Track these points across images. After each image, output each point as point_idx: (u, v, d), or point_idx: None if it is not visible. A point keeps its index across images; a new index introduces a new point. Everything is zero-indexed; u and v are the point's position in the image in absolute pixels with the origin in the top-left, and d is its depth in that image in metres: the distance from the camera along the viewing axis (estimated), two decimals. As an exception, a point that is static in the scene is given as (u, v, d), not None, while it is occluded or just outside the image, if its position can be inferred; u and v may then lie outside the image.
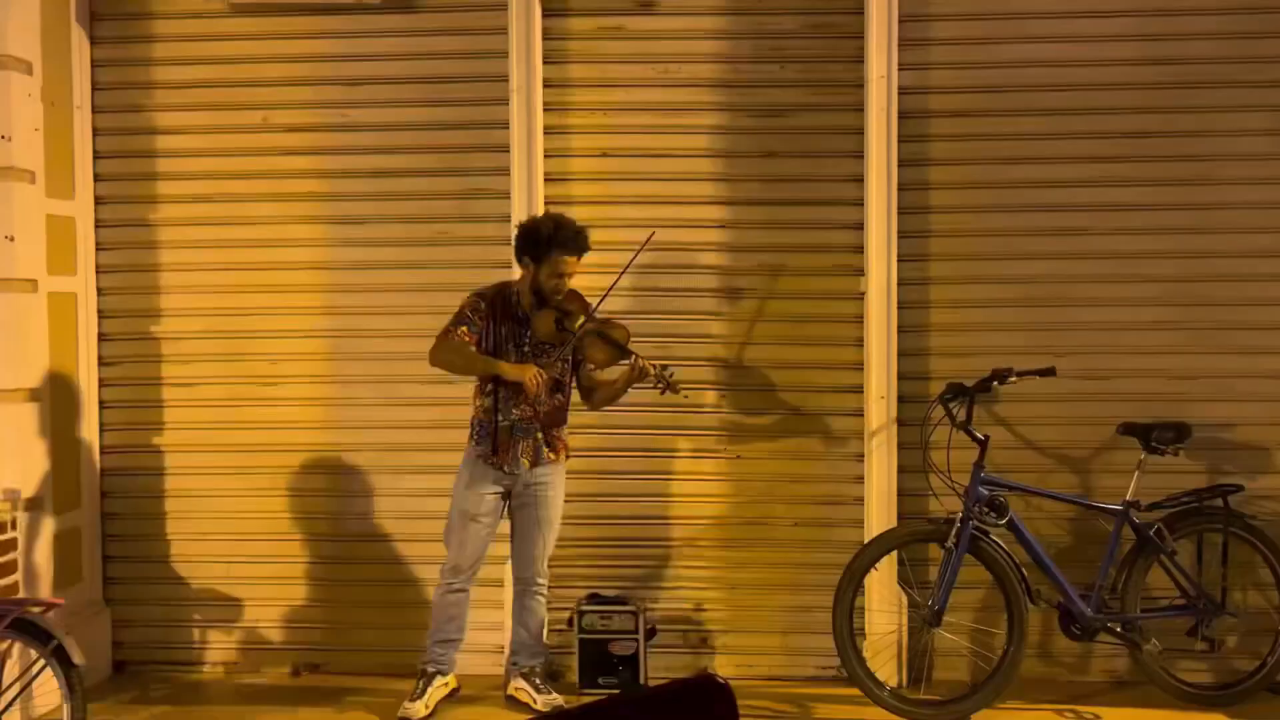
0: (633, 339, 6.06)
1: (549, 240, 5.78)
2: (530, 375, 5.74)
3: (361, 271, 6.83)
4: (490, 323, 5.90)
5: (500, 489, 6.04)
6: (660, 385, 5.73)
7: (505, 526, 6.23)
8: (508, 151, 6.65)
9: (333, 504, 6.91)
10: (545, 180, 6.66)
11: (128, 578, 6.96)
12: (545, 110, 6.67)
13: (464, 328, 5.87)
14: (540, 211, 6.44)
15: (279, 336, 6.88)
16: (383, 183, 6.81)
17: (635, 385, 5.90)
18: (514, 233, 6.09)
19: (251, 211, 6.86)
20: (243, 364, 6.89)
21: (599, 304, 5.85)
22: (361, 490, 6.89)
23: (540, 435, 6.00)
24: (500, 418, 5.94)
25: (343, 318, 6.85)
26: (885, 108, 6.54)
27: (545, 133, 6.66)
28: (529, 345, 5.92)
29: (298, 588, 6.92)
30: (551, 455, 6.04)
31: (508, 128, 6.65)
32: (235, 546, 6.91)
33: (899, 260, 6.59)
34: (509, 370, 5.81)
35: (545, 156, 6.68)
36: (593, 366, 5.96)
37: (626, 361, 5.79)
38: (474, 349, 5.88)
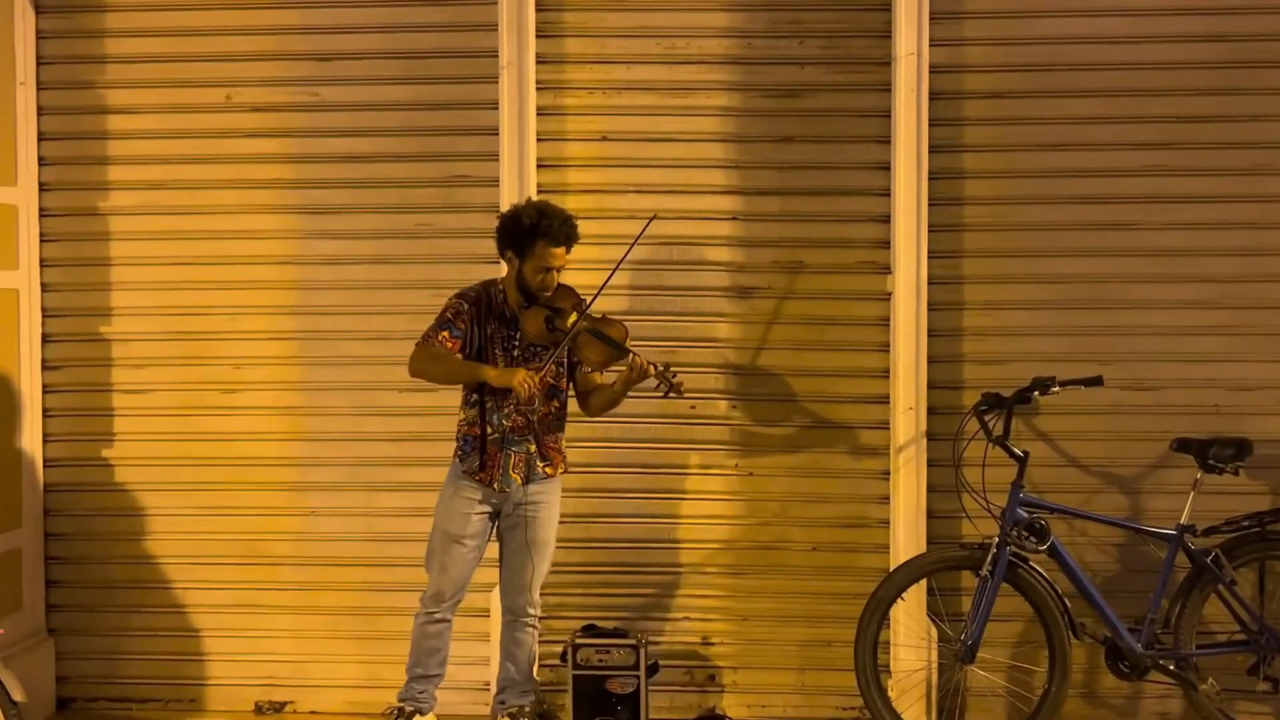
0: (633, 342, 5.88)
1: (532, 230, 5.65)
2: (519, 379, 5.57)
3: (333, 267, 6.76)
4: (474, 325, 5.78)
5: (488, 508, 5.90)
6: (662, 387, 5.61)
7: (494, 550, 6.08)
8: (496, 134, 6.58)
9: (300, 524, 6.82)
10: (538, 166, 6.61)
11: (73, 605, 6.88)
12: (538, 89, 6.62)
13: (445, 332, 5.74)
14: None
15: (242, 338, 6.80)
16: (357, 168, 6.74)
17: (635, 388, 5.76)
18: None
19: (212, 200, 6.79)
20: (202, 369, 6.82)
21: (593, 299, 5.72)
22: (332, 509, 6.79)
23: (534, 448, 5.86)
24: (488, 429, 5.79)
25: (312, 318, 6.77)
26: (915, 88, 6.47)
27: (538, 114, 6.61)
28: (518, 348, 5.80)
29: (261, 617, 6.83)
30: (547, 470, 5.90)
31: (496, 108, 6.58)
32: (192, 571, 6.84)
33: (929, 257, 6.52)
34: (495, 375, 5.65)
35: (538, 140, 6.61)
36: (589, 369, 5.84)
37: (624, 361, 5.66)
38: (458, 355, 5.73)
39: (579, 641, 6.33)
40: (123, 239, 6.80)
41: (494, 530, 5.97)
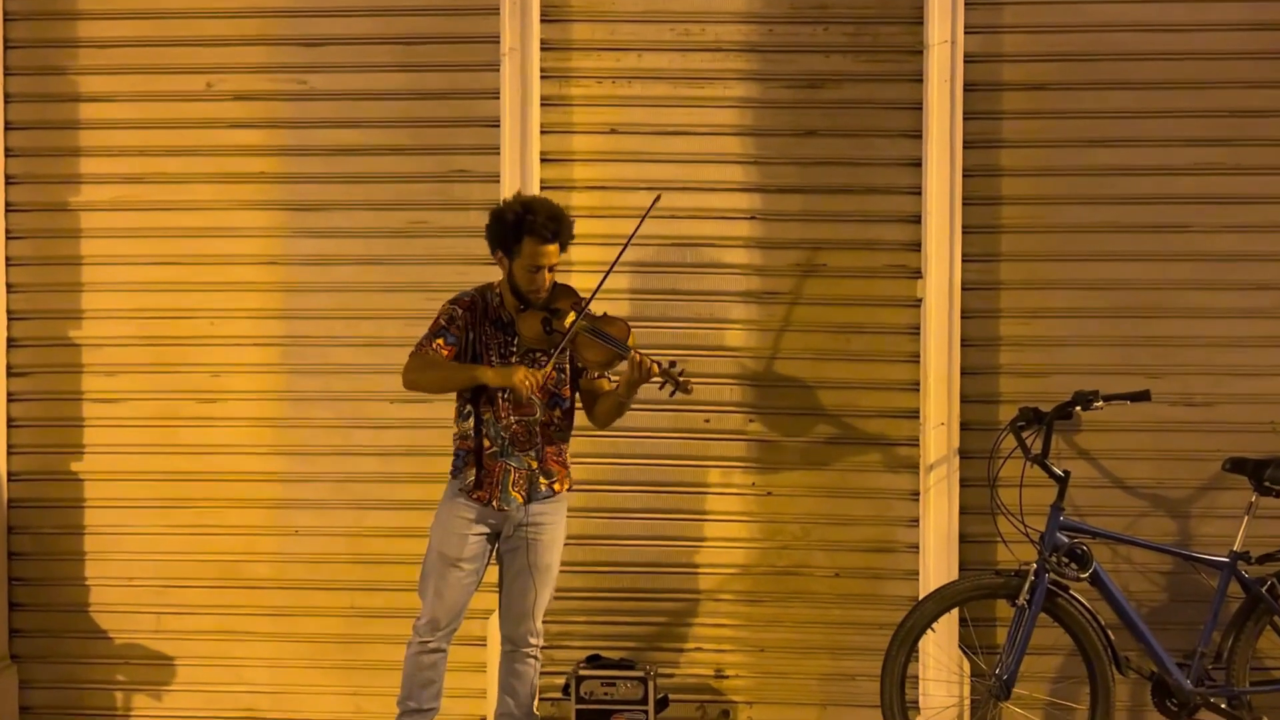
0: (643, 350, 5.75)
1: (517, 227, 5.61)
2: (520, 377, 5.53)
3: (321, 267, 6.74)
4: (469, 331, 5.73)
5: (487, 529, 5.81)
6: (668, 386, 5.55)
7: (493, 573, 6.00)
8: (497, 126, 6.57)
9: (282, 544, 6.79)
10: (541, 161, 6.60)
11: (38, 630, 6.88)
12: (542, 78, 6.60)
13: (440, 340, 5.70)
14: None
15: (222, 344, 6.77)
16: (348, 162, 6.73)
17: (640, 387, 5.68)
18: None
19: (192, 195, 6.77)
20: (178, 377, 6.79)
21: (592, 296, 5.67)
22: (317, 529, 6.76)
23: (535, 463, 5.78)
24: (484, 442, 5.73)
25: (298, 322, 6.73)
26: (948, 78, 6.46)
27: (542, 104, 6.60)
28: (516, 354, 5.74)
29: (240, 644, 6.81)
30: (552, 487, 5.82)
31: (497, 98, 6.57)
32: (166, 594, 6.81)
33: (963, 260, 6.52)
34: (493, 375, 5.61)
35: (542, 133, 6.60)
36: (592, 373, 5.80)
37: (626, 361, 5.61)
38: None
39: (583, 673, 6.33)
40: (95, 236, 6.78)
41: (493, 553, 5.89)
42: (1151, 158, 6.50)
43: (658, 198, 5.80)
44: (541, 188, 6.47)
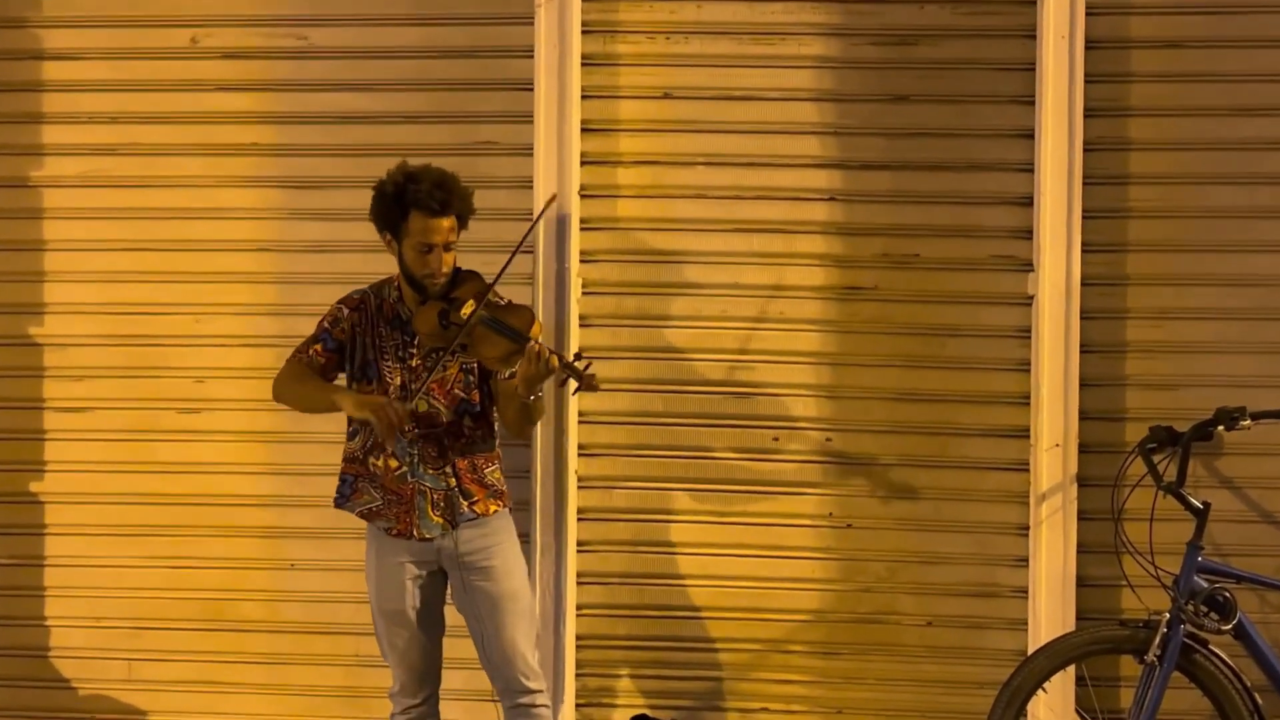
0: (699, 356, 6.20)
1: (399, 199, 5.60)
2: (378, 407, 5.52)
3: (322, 255, 6.67)
4: (356, 334, 5.74)
5: (420, 567, 5.77)
6: (570, 382, 5.53)
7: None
8: (530, 90, 6.50)
9: (276, 580, 6.75)
10: (582, 131, 6.53)
11: None
12: (584, 32, 6.52)
13: (319, 345, 5.75)
14: (574, 173, 6.45)
15: (207, 345, 6.74)
16: (353, 131, 6.67)
17: (541, 384, 5.60)
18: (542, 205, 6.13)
19: (173, 170, 6.74)
20: (156, 382, 6.75)
21: (495, 280, 5.63)
22: (316, 563, 6.71)
23: (453, 479, 5.70)
24: (390, 463, 5.71)
25: (295, 320, 6.51)
26: (1067, 33, 6.35)
27: (583, 64, 6.52)
28: (417, 354, 5.71)
29: (226, 697, 6.77)
30: (476, 507, 5.74)
31: (531, 56, 6.51)
32: (140, 638, 6.76)
33: (1083, 250, 6.40)
34: (350, 404, 5.62)
35: (583, 98, 6.53)
36: (499, 373, 5.73)
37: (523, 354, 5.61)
38: (328, 376, 5.76)
39: (627, 737, 6.19)
40: (60, 218, 6.77)
41: (446, 591, 5.88)
42: (1312, 131, 6.46)
43: (553, 198, 6.04)
44: (582, 162, 6.48)
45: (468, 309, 5.56)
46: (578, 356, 5.53)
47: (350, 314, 5.73)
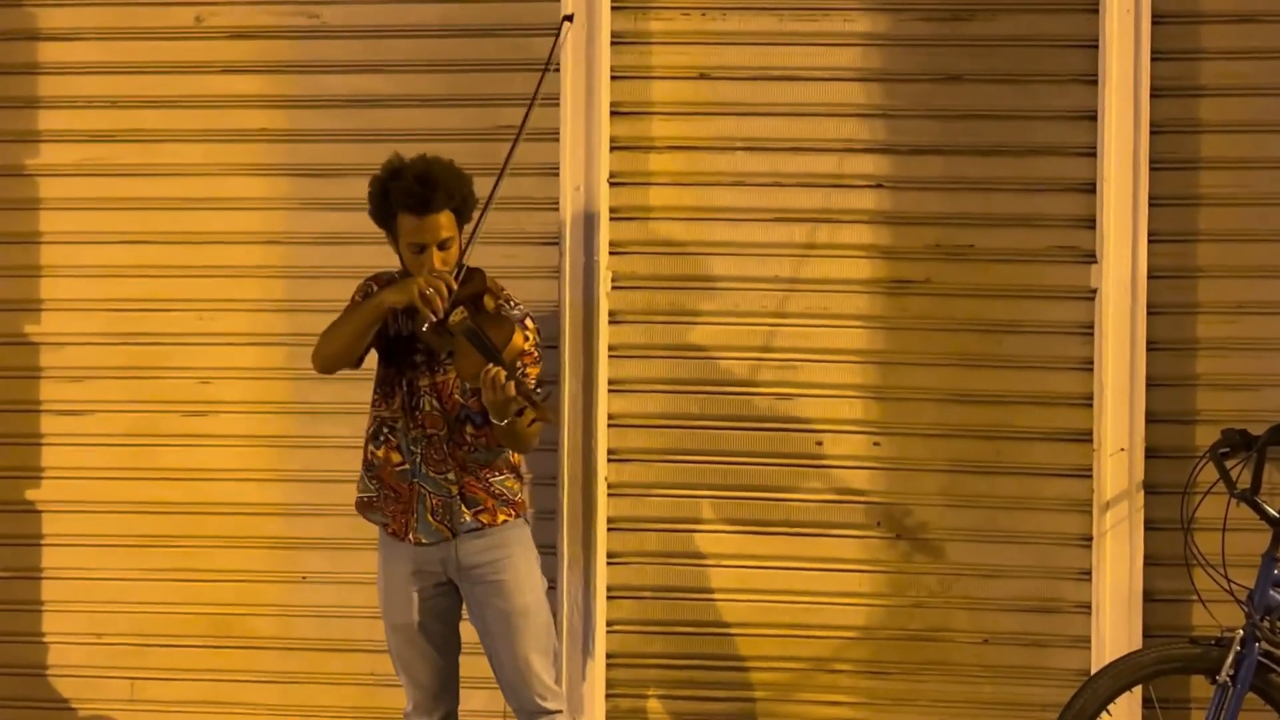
0: (732, 353, 6.21)
1: (383, 195, 5.59)
2: (421, 284, 5.46)
3: (335, 248, 6.65)
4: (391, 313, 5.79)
5: (427, 578, 5.73)
6: (528, 411, 5.41)
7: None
8: (556, 70, 6.36)
9: (287, 594, 6.74)
10: (611, 114, 6.52)
11: None
12: (614, 8, 6.52)
13: None
14: (603, 160, 6.45)
15: (212, 343, 6.73)
16: (368, 116, 6.67)
17: (504, 410, 5.48)
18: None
19: (175, 157, 6.73)
20: (159, 384, 6.75)
21: (461, 266, 5.56)
22: (330, 575, 6.71)
23: (454, 486, 5.66)
24: (394, 456, 5.71)
25: (306, 317, 6.49)
26: (1132, 7, 6.31)
27: (613, 43, 6.52)
28: (420, 351, 5.71)
29: (233, 717, 6.78)
30: (481, 518, 5.69)
31: (556, 34, 6.34)
32: (144, 655, 6.77)
33: (1150, 241, 6.36)
34: (388, 294, 5.58)
35: (612, 78, 6.52)
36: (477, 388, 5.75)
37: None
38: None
39: (662, 761, 6.23)
40: (56, 208, 6.78)
41: (462, 608, 5.87)
42: (1402, 110, 6.38)
43: (568, 17, 6.03)
44: (612, 147, 6.48)
45: (456, 316, 5.51)
46: (537, 387, 5.44)
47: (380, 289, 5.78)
